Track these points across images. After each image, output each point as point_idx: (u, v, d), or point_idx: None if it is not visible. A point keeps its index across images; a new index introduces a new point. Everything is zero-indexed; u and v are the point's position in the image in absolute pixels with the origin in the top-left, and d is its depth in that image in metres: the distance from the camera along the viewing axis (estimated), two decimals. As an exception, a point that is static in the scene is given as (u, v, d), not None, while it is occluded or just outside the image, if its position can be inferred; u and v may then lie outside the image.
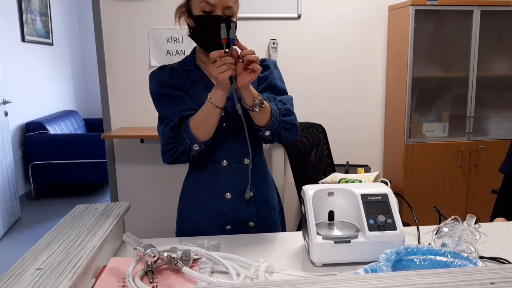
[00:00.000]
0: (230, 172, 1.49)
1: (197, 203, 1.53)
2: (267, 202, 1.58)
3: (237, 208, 1.50)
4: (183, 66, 1.53)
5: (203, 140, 1.39)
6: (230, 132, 1.48)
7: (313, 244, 1.18)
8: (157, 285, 1.06)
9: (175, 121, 1.41)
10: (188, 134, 1.38)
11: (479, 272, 0.82)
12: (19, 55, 4.88)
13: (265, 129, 1.42)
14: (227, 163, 1.49)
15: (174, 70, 1.52)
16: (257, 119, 1.41)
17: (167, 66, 1.53)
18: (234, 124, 1.48)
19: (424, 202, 3.35)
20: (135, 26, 3.31)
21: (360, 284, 0.79)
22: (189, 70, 1.52)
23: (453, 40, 3.30)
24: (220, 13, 1.40)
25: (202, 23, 1.41)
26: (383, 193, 1.26)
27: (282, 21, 3.41)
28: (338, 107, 3.57)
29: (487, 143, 3.35)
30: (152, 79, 1.52)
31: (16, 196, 4.29)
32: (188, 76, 1.51)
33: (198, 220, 1.52)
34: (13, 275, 0.94)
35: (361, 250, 1.19)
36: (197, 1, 1.40)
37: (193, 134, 1.38)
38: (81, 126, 5.86)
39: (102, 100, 3.39)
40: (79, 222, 1.27)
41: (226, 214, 1.50)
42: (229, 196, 1.48)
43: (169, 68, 1.53)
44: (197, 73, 1.51)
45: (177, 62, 1.56)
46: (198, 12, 1.41)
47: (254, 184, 1.52)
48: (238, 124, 1.47)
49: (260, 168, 1.57)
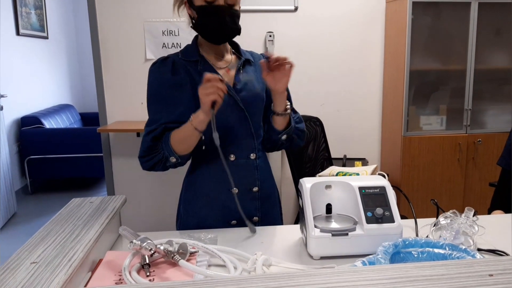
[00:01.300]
0: (237, 167, 1.48)
1: (203, 197, 1.51)
2: (270, 197, 1.59)
3: (243, 203, 1.48)
4: (187, 57, 1.48)
5: (180, 154, 1.41)
6: (237, 127, 1.47)
7: (310, 237, 1.18)
8: (153, 278, 1.06)
9: (157, 132, 1.42)
10: (167, 146, 1.40)
11: (477, 264, 0.82)
12: (14, 49, 4.84)
13: (283, 133, 1.49)
14: (234, 157, 1.48)
15: (177, 63, 1.47)
16: (279, 123, 1.49)
17: (170, 58, 1.49)
18: (241, 118, 1.47)
19: (422, 195, 3.35)
20: (131, 19, 3.28)
21: (358, 277, 0.78)
22: (195, 62, 1.47)
23: (450, 32, 3.29)
24: (223, 2, 1.38)
25: (205, 14, 1.40)
26: (381, 186, 1.25)
27: (279, 13, 3.39)
28: (336, 100, 3.57)
29: (484, 136, 3.35)
30: (153, 75, 1.48)
31: (12, 190, 4.28)
32: (194, 67, 1.46)
33: (204, 215, 1.51)
34: (7, 269, 0.93)
35: (359, 243, 1.19)
36: None
37: (172, 147, 1.39)
38: (77, 120, 5.84)
39: (98, 94, 3.37)
40: (75, 215, 1.26)
41: (232, 209, 1.48)
42: (236, 191, 1.47)
43: (172, 60, 1.48)
44: (204, 65, 1.47)
45: (180, 52, 1.51)
46: (200, 2, 1.39)
47: (259, 179, 1.53)
48: (244, 117, 1.47)
49: (265, 163, 1.57)
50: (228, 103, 1.43)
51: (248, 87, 1.49)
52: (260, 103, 1.52)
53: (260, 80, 1.51)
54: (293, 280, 0.77)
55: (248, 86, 1.49)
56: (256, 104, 1.51)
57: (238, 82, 1.48)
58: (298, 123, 1.56)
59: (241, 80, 1.49)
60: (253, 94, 1.49)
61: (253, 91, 1.49)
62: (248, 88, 1.49)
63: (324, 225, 1.21)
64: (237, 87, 1.47)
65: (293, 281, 0.77)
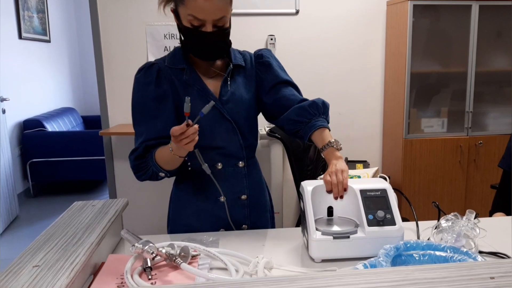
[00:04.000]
0: (225, 175, 1.47)
1: (191, 206, 1.50)
2: (259, 204, 1.57)
3: (231, 211, 1.48)
4: (174, 63, 1.44)
5: (168, 170, 1.41)
6: (225, 138, 1.45)
7: (312, 240, 1.18)
8: (155, 281, 1.06)
9: (139, 151, 1.40)
10: (153, 164, 1.39)
11: (479, 267, 0.82)
12: (16, 52, 4.86)
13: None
14: (221, 166, 1.47)
15: (162, 71, 1.43)
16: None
17: (155, 66, 1.44)
18: (228, 129, 1.45)
19: (423, 197, 3.35)
20: (133, 22, 3.29)
21: (360, 280, 0.78)
22: (181, 70, 1.43)
23: (451, 35, 3.29)
24: (211, 27, 1.31)
25: (191, 37, 1.35)
26: (382, 188, 1.25)
27: (280, 16, 3.40)
28: (337, 103, 3.56)
29: (486, 138, 3.35)
30: (137, 85, 1.45)
31: (15, 194, 4.28)
32: (179, 76, 1.43)
33: (191, 223, 1.50)
34: (10, 272, 0.93)
35: (360, 246, 1.19)
36: (185, 12, 1.31)
37: (158, 165, 1.39)
38: (79, 124, 5.84)
39: (100, 97, 3.38)
40: (77, 219, 1.27)
41: (221, 217, 1.48)
42: (223, 199, 1.46)
43: (157, 69, 1.43)
44: (190, 75, 1.43)
45: (166, 58, 1.46)
46: (186, 23, 1.33)
47: (248, 187, 1.51)
48: (232, 128, 1.45)
49: (254, 170, 1.56)
50: (214, 116, 1.41)
51: (236, 97, 1.45)
52: (249, 111, 1.49)
53: (249, 86, 1.49)
54: (294, 283, 0.77)
55: (235, 96, 1.45)
56: (243, 113, 1.47)
57: (225, 93, 1.44)
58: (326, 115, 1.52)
59: (228, 90, 1.45)
60: (240, 104, 1.46)
61: (241, 101, 1.46)
62: (235, 98, 1.45)
63: (326, 228, 1.21)
64: (223, 98, 1.44)
65: (295, 284, 0.77)
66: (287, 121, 1.48)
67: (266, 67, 1.52)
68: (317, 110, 1.47)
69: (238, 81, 1.48)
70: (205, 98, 1.40)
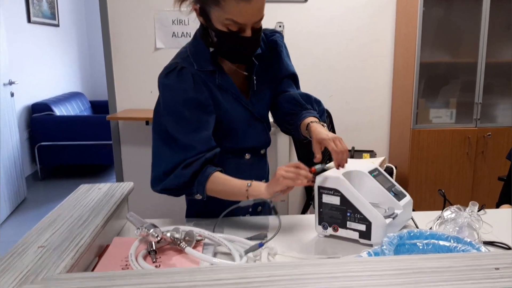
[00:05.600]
0: (252, 165, 1.47)
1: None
2: None
3: None
4: (202, 66, 1.31)
5: (209, 195, 1.30)
6: (257, 136, 1.45)
7: (379, 226, 1.16)
8: (160, 264, 1.07)
9: (196, 167, 1.26)
10: (201, 187, 1.27)
11: (484, 257, 0.82)
12: (25, 36, 4.86)
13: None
14: (249, 156, 1.45)
15: (194, 75, 1.29)
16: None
17: (185, 70, 1.28)
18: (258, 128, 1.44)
19: (430, 188, 3.34)
20: (141, 7, 3.28)
21: (363, 267, 0.78)
22: (211, 72, 1.32)
23: (462, 25, 3.25)
24: (250, 32, 1.23)
25: (227, 41, 1.24)
26: (375, 168, 1.31)
27: (289, 4, 3.37)
28: (344, 92, 3.55)
29: (494, 130, 3.32)
30: (172, 92, 1.29)
31: (23, 176, 4.32)
32: (212, 79, 1.32)
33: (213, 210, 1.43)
34: (15, 252, 0.94)
35: (399, 221, 1.23)
36: (221, 15, 1.19)
37: (206, 191, 1.28)
38: (87, 108, 5.87)
39: (108, 82, 3.38)
40: (83, 201, 1.27)
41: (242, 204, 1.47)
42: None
43: (190, 74, 1.28)
44: (222, 78, 1.33)
45: (191, 59, 1.31)
46: (221, 27, 1.21)
47: (266, 172, 1.55)
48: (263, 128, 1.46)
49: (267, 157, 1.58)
50: (247, 118, 1.40)
51: (261, 94, 1.44)
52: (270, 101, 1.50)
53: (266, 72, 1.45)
54: (298, 269, 0.77)
55: (261, 93, 1.43)
56: (268, 108, 1.49)
57: (253, 94, 1.41)
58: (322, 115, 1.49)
59: (255, 90, 1.42)
60: (266, 100, 1.46)
61: (266, 97, 1.46)
62: (262, 97, 1.44)
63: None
64: (253, 99, 1.41)
65: (298, 270, 0.77)
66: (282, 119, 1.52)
67: (278, 57, 1.49)
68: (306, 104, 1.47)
69: (260, 75, 1.44)
70: (238, 101, 1.38)
